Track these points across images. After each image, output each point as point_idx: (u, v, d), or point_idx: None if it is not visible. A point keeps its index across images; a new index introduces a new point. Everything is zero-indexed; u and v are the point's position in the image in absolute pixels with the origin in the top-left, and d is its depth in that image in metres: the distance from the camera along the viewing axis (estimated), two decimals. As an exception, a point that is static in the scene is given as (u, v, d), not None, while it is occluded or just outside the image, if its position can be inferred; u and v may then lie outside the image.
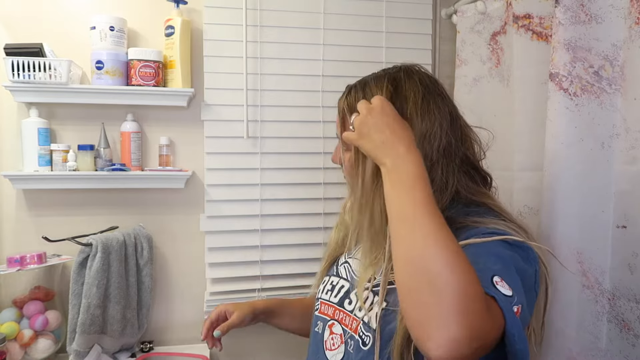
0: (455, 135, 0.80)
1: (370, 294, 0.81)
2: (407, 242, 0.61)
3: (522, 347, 0.59)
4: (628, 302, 0.99)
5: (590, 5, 1.03)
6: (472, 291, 0.56)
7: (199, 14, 1.47)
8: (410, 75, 0.81)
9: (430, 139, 0.76)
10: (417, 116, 0.77)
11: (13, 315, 1.26)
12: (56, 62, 1.28)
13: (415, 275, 0.58)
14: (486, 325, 0.56)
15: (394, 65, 0.85)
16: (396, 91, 0.78)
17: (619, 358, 1.01)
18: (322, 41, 1.53)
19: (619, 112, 1.02)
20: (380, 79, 0.81)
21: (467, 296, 0.55)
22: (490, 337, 0.57)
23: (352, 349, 0.81)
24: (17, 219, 1.41)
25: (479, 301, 0.56)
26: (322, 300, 0.92)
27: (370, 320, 0.79)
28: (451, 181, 0.77)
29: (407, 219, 0.62)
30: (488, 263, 0.64)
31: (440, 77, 1.67)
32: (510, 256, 0.68)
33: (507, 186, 1.32)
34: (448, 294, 0.55)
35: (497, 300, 0.58)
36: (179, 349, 1.47)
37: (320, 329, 0.89)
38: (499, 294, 0.59)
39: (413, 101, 0.78)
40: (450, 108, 0.82)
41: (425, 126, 0.77)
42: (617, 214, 1.02)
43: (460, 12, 1.56)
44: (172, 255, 1.51)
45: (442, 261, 0.57)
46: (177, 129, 1.49)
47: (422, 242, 0.60)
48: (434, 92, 0.80)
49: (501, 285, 0.61)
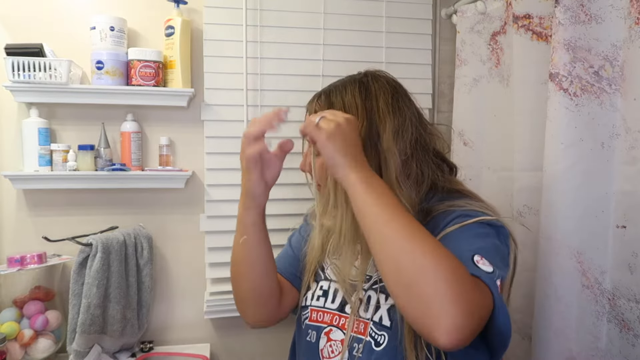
0: (424, 130, 0.85)
1: (372, 292, 0.81)
2: (392, 243, 0.63)
3: (504, 319, 0.63)
4: (628, 302, 0.99)
5: (590, 5, 1.03)
6: (459, 273, 0.60)
7: (199, 14, 1.47)
8: (377, 78, 0.86)
9: (404, 134, 0.80)
10: (390, 113, 0.81)
11: (13, 315, 1.26)
12: (56, 62, 1.28)
13: (405, 272, 0.61)
14: (480, 302, 0.60)
15: (358, 72, 0.89)
16: (367, 92, 0.82)
17: (619, 358, 1.01)
18: (322, 41, 1.53)
19: (619, 112, 1.02)
20: (349, 83, 0.85)
21: (457, 279, 0.59)
22: (485, 313, 0.61)
23: (359, 353, 0.79)
24: (17, 219, 1.41)
25: (468, 281, 0.60)
26: (312, 308, 0.89)
27: (382, 318, 0.79)
28: (427, 172, 0.82)
29: (387, 223, 0.65)
30: (466, 245, 0.69)
31: (440, 77, 1.67)
32: (485, 234, 0.73)
33: (507, 186, 1.32)
34: (439, 281, 0.58)
35: (482, 278, 0.62)
36: (179, 349, 1.47)
37: (313, 337, 0.87)
38: (482, 271, 0.64)
39: (384, 100, 0.82)
40: (416, 105, 0.87)
41: (398, 122, 0.81)
42: (617, 214, 1.02)
43: (460, 12, 1.56)
44: (172, 255, 1.51)
45: (427, 252, 0.61)
46: (177, 129, 1.49)
47: (404, 241, 0.63)
48: (400, 91, 0.86)
49: (482, 263, 0.65)
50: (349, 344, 0.81)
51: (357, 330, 0.81)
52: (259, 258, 0.88)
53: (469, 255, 0.66)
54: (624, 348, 1.01)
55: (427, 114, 1.60)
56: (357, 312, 0.82)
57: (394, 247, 0.63)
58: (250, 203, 0.84)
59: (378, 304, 0.80)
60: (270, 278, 0.91)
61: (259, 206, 0.85)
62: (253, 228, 0.86)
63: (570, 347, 1.07)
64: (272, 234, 0.87)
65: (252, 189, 0.81)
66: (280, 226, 1.52)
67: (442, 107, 1.67)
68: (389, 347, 0.77)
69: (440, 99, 1.68)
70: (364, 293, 0.83)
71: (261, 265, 0.89)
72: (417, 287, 0.60)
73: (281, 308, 0.95)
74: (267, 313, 0.94)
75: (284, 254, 1.04)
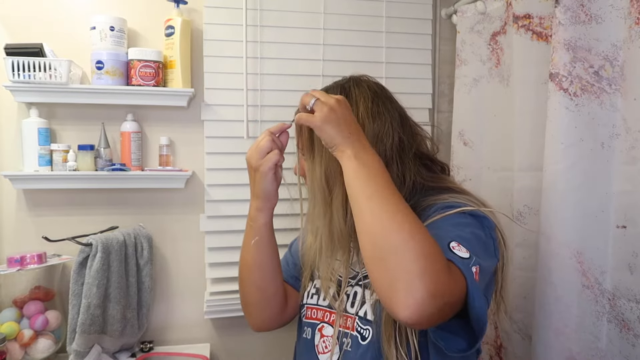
0: (406, 133, 0.85)
1: (358, 288, 0.84)
2: (371, 216, 0.65)
3: (480, 304, 0.63)
4: (628, 302, 0.99)
5: (590, 5, 1.03)
6: (431, 252, 0.61)
7: (199, 14, 1.47)
8: (359, 83, 0.87)
9: (383, 138, 0.82)
10: (369, 118, 0.82)
11: (13, 315, 1.26)
12: (56, 62, 1.28)
13: (379, 246, 0.63)
14: (448, 283, 0.61)
15: (343, 77, 0.91)
16: (347, 98, 0.83)
17: (619, 358, 1.01)
18: (322, 41, 1.53)
19: (619, 112, 1.02)
20: (332, 89, 0.88)
21: (427, 258, 0.60)
22: (454, 296, 0.61)
23: (349, 347, 0.82)
24: (17, 219, 1.41)
25: (439, 262, 0.61)
26: (308, 306, 0.93)
27: (367, 313, 0.81)
28: (408, 175, 0.83)
29: (371, 196, 0.67)
30: (445, 232, 0.70)
31: (440, 77, 1.67)
32: (466, 223, 0.74)
33: (507, 186, 1.32)
34: (409, 257, 0.60)
35: (455, 262, 0.63)
36: (179, 349, 1.47)
37: (309, 334, 0.91)
38: (456, 256, 0.65)
39: (364, 105, 0.83)
40: (399, 110, 0.88)
41: (377, 127, 0.82)
42: (617, 214, 1.02)
43: (460, 12, 1.56)
44: (172, 255, 1.51)
45: (403, 229, 0.62)
46: (177, 129, 1.49)
47: (383, 215, 0.65)
48: (382, 96, 0.86)
49: (458, 250, 0.66)
50: (339, 339, 0.84)
51: (344, 326, 0.84)
52: (269, 259, 0.94)
53: (446, 242, 0.67)
54: (624, 348, 1.01)
55: (427, 114, 1.63)
56: (343, 308, 0.85)
57: (373, 221, 0.65)
58: (264, 205, 0.90)
59: (364, 299, 0.83)
60: (277, 279, 0.96)
61: (271, 207, 0.92)
62: (265, 229, 0.92)
63: (570, 347, 1.07)
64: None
65: (267, 190, 0.88)
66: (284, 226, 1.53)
67: (442, 107, 1.67)
68: (373, 341, 0.79)
69: (440, 99, 1.68)
70: (355, 288, 0.85)
71: (269, 266, 0.95)
72: (388, 260, 0.61)
73: (286, 311, 1.00)
74: (271, 315, 0.98)
75: (284, 259, 1.08)
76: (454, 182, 0.88)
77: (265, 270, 0.94)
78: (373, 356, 0.79)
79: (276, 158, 0.85)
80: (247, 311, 1.00)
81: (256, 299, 0.96)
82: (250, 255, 0.94)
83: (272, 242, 0.94)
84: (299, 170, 0.93)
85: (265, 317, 0.98)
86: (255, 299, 0.96)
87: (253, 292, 0.96)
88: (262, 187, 0.87)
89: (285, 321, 1.02)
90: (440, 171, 0.89)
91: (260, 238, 0.92)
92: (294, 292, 1.02)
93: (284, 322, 1.02)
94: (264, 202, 0.90)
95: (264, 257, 0.94)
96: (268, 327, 1.01)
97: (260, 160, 0.85)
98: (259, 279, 0.95)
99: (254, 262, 0.94)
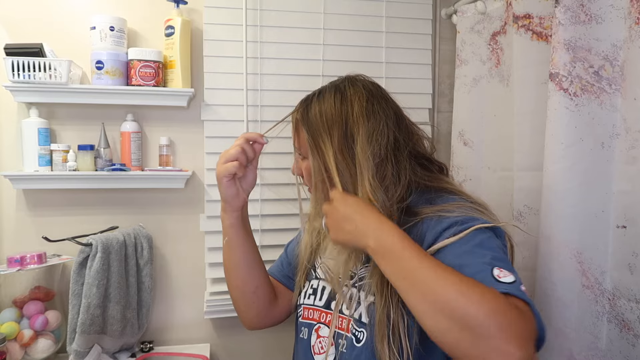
0: (402, 132, 0.85)
1: (354, 290, 0.84)
2: (424, 299, 0.62)
3: (538, 316, 0.62)
4: (628, 302, 0.99)
5: (590, 5, 1.03)
6: (495, 305, 0.58)
7: (199, 14, 1.47)
8: (354, 83, 0.87)
9: (378, 137, 0.81)
10: (363, 117, 0.82)
11: (13, 315, 1.26)
12: (56, 62, 1.28)
13: (446, 321, 0.60)
14: (527, 326, 0.59)
15: (339, 77, 0.91)
16: (343, 98, 0.84)
17: (619, 358, 1.01)
18: (322, 41, 1.53)
19: (619, 112, 1.02)
20: (328, 90, 0.88)
21: (498, 313, 0.57)
22: (534, 332, 0.60)
23: (344, 349, 0.82)
24: (17, 219, 1.41)
25: (509, 310, 0.58)
26: (305, 306, 0.93)
27: (361, 315, 0.81)
28: (403, 174, 0.82)
29: (413, 282, 0.64)
30: (477, 259, 0.67)
31: (440, 77, 1.67)
32: (488, 238, 0.71)
33: (507, 186, 1.32)
34: (485, 324, 0.57)
35: (512, 293, 0.61)
36: (179, 349, 1.47)
37: (305, 334, 0.91)
38: (507, 285, 0.62)
39: (358, 104, 0.83)
40: (395, 109, 0.87)
41: (372, 126, 0.82)
42: (617, 214, 1.02)
43: (460, 12, 1.56)
44: (172, 255, 1.51)
45: (460, 298, 0.59)
46: (177, 129, 1.49)
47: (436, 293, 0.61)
48: (377, 95, 0.86)
49: (503, 275, 0.64)
50: (334, 340, 0.84)
51: (340, 327, 0.84)
52: (241, 259, 0.97)
53: (487, 271, 0.64)
54: (624, 348, 1.00)
55: (427, 114, 1.63)
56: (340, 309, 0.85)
57: (430, 303, 0.62)
58: (227, 206, 0.94)
59: (359, 301, 0.83)
60: (255, 278, 0.98)
61: (235, 210, 0.94)
62: (232, 230, 0.95)
63: (570, 347, 1.07)
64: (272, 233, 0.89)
65: (224, 194, 0.92)
66: (284, 226, 1.53)
67: (442, 107, 1.67)
68: (368, 344, 0.79)
69: (440, 99, 1.68)
70: (347, 290, 0.85)
71: (243, 266, 0.97)
72: (462, 334, 0.58)
73: (275, 309, 1.01)
74: (258, 313, 1.00)
75: (279, 259, 1.10)
76: (451, 182, 0.87)
77: (239, 269, 0.97)
78: (367, 358, 0.79)
79: (233, 170, 0.88)
80: (235, 310, 1.02)
81: (236, 297, 1.00)
82: (225, 254, 0.98)
83: (243, 243, 0.96)
84: (297, 170, 0.94)
85: (252, 315, 1.00)
86: (235, 297, 1.00)
87: (232, 291, 1.00)
88: (220, 190, 0.91)
89: (276, 319, 1.03)
90: (438, 171, 0.89)
91: (229, 238, 0.96)
92: (287, 291, 1.03)
93: (275, 320, 1.03)
94: (226, 204, 0.93)
95: (235, 257, 0.97)
96: (259, 325, 1.03)
97: (220, 166, 0.89)
98: (234, 278, 0.98)
99: (228, 262, 0.98)
